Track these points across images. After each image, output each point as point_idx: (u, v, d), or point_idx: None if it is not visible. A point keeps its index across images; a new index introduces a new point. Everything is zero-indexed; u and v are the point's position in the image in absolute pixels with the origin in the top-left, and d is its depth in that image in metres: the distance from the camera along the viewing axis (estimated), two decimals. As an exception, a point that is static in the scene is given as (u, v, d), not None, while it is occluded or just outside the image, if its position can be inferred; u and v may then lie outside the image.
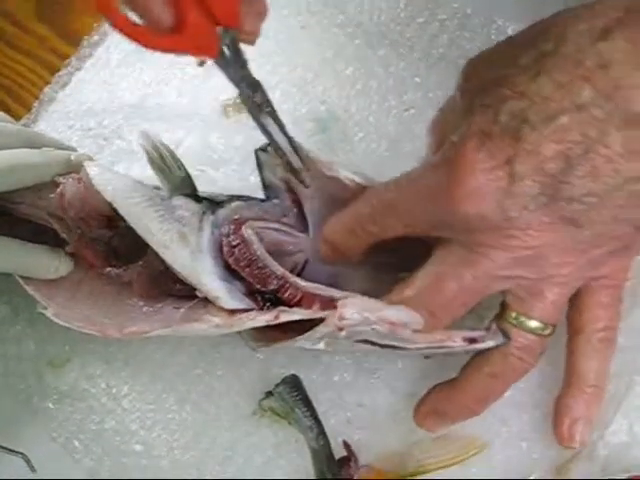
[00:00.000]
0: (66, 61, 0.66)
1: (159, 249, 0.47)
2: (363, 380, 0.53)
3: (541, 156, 0.39)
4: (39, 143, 0.54)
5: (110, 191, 0.49)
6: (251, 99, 0.44)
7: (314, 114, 0.60)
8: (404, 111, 0.59)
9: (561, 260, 0.42)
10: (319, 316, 0.43)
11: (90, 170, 0.50)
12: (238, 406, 0.54)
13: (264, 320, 0.44)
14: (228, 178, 0.59)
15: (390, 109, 0.60)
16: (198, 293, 0.47)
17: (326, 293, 0.44)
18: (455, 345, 0.44)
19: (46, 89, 0.66)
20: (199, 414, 0.54)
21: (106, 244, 0.53)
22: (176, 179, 0.51)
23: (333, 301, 0.43)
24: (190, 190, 0.51)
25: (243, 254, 0.46)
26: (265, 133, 0.46)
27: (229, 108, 0.61)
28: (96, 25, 0.67)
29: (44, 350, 0.58)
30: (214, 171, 0.59)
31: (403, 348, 0.45)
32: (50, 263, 0.53)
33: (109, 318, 0.50)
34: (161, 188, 0.52)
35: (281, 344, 0.46)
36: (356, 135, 0.59)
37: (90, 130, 0.63)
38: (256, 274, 0.46)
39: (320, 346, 0.46)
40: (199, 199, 0.50)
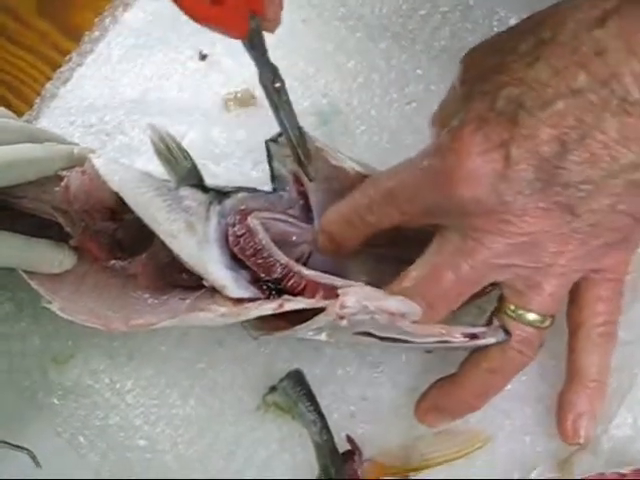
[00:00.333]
0: (67, 57, 0.66)
1: (166, 238, 0.47)
2: (366, 374, 0.53)
3: (537, 140, 0.39)
4: (41, 139, 0.54)
5: (117, 181, 0.49)
6: (272, 84, 0.45)
7: (316, 107, 0.60)
8: (406, 104, 0.59)
9: (558, 249, 0.42)
10: (322, 305, 0.44)
11: (96, 161, 0.51)
12: (242, 401, 0.54)
13: (269, 309, 0.44)
14: (229, 172, 0.59)
15: (392, 102, 0.59)
16: (205, 282, 0.47)
17: (329, 282, 0.45)
18: (455, 341, 0.44)
19: (47, 85, 0.66)
20: (203, 409, 0.55)
21: (110, 237, 0.53)
22: (183, 170, 0.51)
23: (335, 289, 0.43)
24: (197, 180, 0.51)
25: (248, 243, 0.47)
26: (279, 120, 0.46)
27: (230, 102, 0.61)
28: (97, 20, 0.67)
29: (48, 346, 0.58)
30: (215, 165, 0.59)
31: (403, 341, 0.45)
32: (54, 257, 0.53)
33: (114, 311, 0.50)
34: (167, 180, 0.52)
35: (282, 333, 0.46)
36: (358, 128, 0.59)
37: (92, 126, 0.63)
38: (261, 263, 0.46)
39: (322, 337, 0.46)
40: (206, 189, 0.50)
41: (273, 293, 0.46)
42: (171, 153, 0.52)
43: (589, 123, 0.39)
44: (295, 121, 0.46)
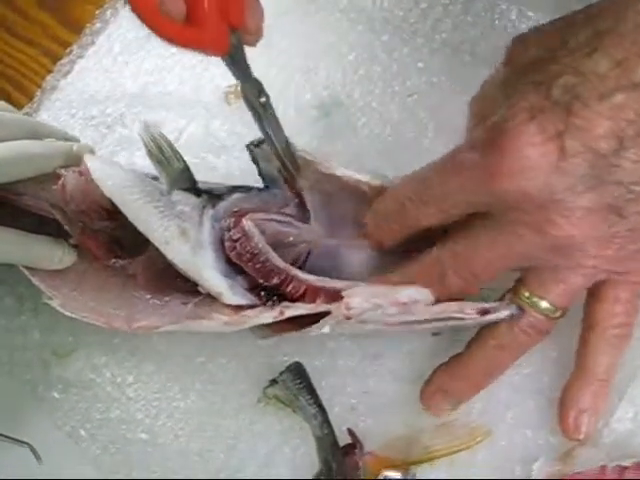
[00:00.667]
0: (68, 49, 0.66)
1: (160, 245, 0.47)
2: (368, 367, 0.53)
3: (593, 133, 0.38)
4: (41, 133, 0.54)
5: (109, 186, 0.49)
6: (257, 99, 0.44)
7: (317, 100, 0.60)
8: (407, 96, 0.59)
9: (596, 252, 0.42)
10: (323, 310, 0.43)
11: (90, 164, 0.50)
12: (242, 394, 0.54)
13: (269, 317, 0.45)
14: (229, 165, 0.59)
15: (393, 94, 0.59)
16: (201, 289, 0.47)
17: (330, 285, 0.44)
18: (467, 317, 0.44)
19: (48, 77, 0.66)
20: (204, 402, 0.54)
21: (109, 235, 0.53)
22: (175, 171, 0.51)
23: (337, 292, 0.43)
24: (189, 183, 0.51)
25: (245, 248, 0.46)
26: (264, 133, 0.46)
27: (231, 95, 0.61)
28: (98, 13, 0.67)
29: (49, 340, 0.58)
30: (215, 158, 0.59)
31: (412, 322, 0.44)
32: (54, 254, 0.53)
33: (115, 309, 0.50)
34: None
35: (288, 335, 0.46)
36: (359, 120, 0.59)
37: (92, 118, 0.63)
38: (258, 268, 0.46)
39: (325, 330, 0.46)
40: (199, 193, 0.50)
41: (274, 299, 0.46)
42: (163, 154, 0.51)
43: None
44: (282, 135, 0.46)
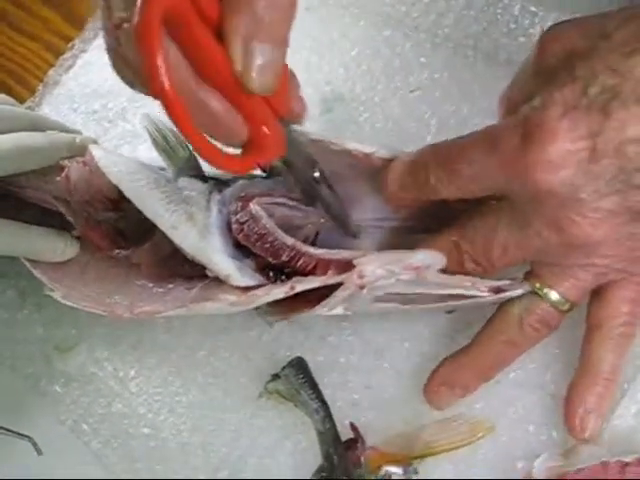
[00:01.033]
0: (70, 44, 0.66)
1: (167, 230, 0.46)
2: (370, 362, 0.53)
3: (625, 136, 0.37)
4: (43, 126, 0.54)
5: (116, 173, 0.49)
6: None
7: (319, 95, 0.60)
8: (409, 92, 0.59)
9: (610, 252, 0.42)
10: (336, 280, 0.43)
11: (96, 153, 0.50)
12: (244, 389, 0.54)
13: (280, 293, 0.44)
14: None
15: (395, 90, 0.59)
16: (208, 273, 0.47)
17: (340, 256, 0.44)
18: (481, 295, 0.44)
19: (50, 72, 0.66)
20: (205, 397, 0.55)
21: (113, 226, 0.53)
22: (180, 160, 0.51)
23: (349, 262, 0.43)
24: (195, 170, 0.51)
25: (252, 229, 0.46)
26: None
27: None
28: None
29: (51, 334, 0.58)
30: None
31: (427, 297, 0.45)
32: (56, 246, 0.53)
33: (118, 298, 0.50)
34: (167, 169, 0.52)
35: (299, 314, 0.46)
36: (361, 115, 0.59)
37: (95, 113, 0.63)
38: (267, 248, 0.46)
39: (338, 311, 0.46)
40: (205, 179, 0.50)
41: (282, 278, 0.46)
42: (168, 143, 0.51)
43: None
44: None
